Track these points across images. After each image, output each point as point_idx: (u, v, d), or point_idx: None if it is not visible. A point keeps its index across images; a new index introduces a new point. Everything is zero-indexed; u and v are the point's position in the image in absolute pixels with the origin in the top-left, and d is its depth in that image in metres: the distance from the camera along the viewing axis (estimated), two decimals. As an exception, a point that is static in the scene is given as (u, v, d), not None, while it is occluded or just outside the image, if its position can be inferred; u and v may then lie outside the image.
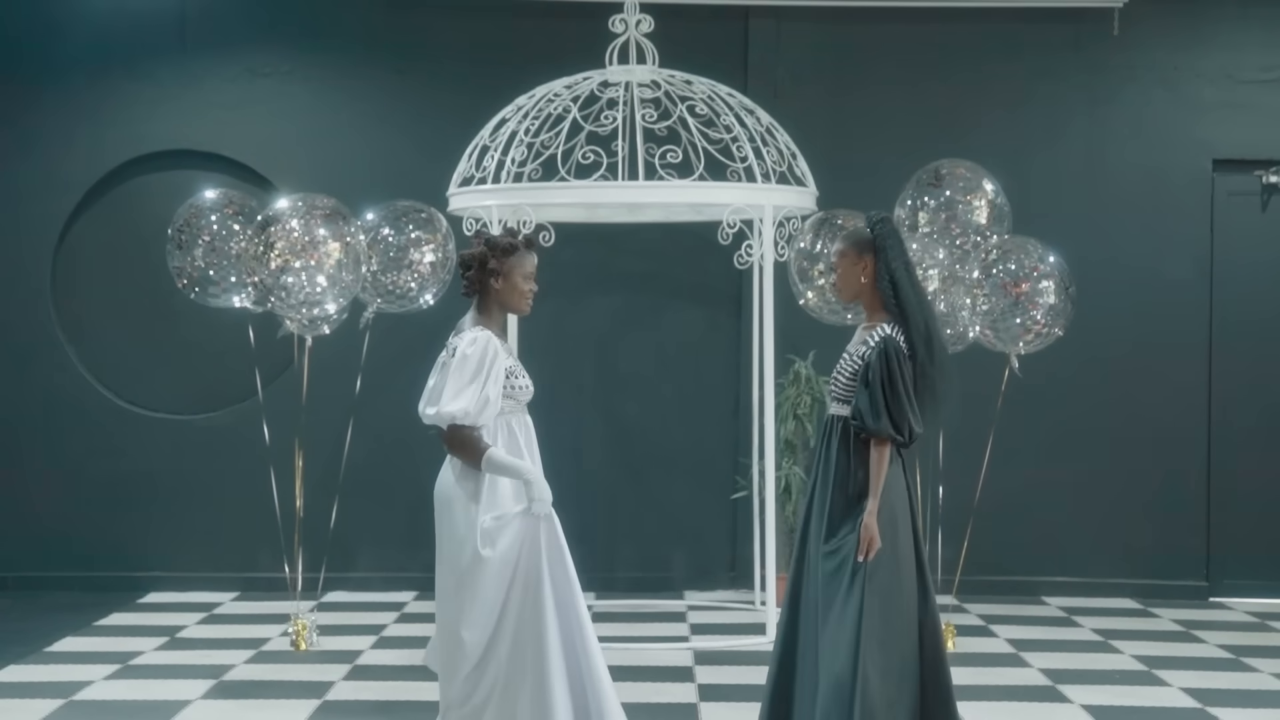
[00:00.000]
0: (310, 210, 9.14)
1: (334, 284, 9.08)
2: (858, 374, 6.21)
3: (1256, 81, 11.45)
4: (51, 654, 9.28)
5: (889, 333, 6.19)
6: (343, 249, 9.11)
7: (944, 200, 9.37)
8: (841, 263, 6.33)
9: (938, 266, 9.24)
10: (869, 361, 6.17)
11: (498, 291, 6.21)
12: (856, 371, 6.22)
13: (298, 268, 9.00)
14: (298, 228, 9.05)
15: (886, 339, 6.17)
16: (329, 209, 9.19)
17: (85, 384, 11.44)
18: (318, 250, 9.05)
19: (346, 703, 8.08)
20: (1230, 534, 11.41)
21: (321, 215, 9.14)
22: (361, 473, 10.67)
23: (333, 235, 9.10)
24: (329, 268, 9.05)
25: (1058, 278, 9.18)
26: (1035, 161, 11.36)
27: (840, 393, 6.28)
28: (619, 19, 9.93)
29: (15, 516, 11.37)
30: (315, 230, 9.07)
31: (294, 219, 9.08)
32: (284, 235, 9.03)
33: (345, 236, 9.15)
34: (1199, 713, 8.01)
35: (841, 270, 6.34)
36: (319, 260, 9.03)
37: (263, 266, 9.04)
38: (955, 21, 11.48)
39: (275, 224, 9.07)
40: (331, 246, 9.08)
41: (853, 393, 6.21)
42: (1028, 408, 10.73)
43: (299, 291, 9.03)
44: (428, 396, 6.20)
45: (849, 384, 6.24)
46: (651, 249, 11.33)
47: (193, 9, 11.46)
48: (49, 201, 11.43)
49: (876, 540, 6.07)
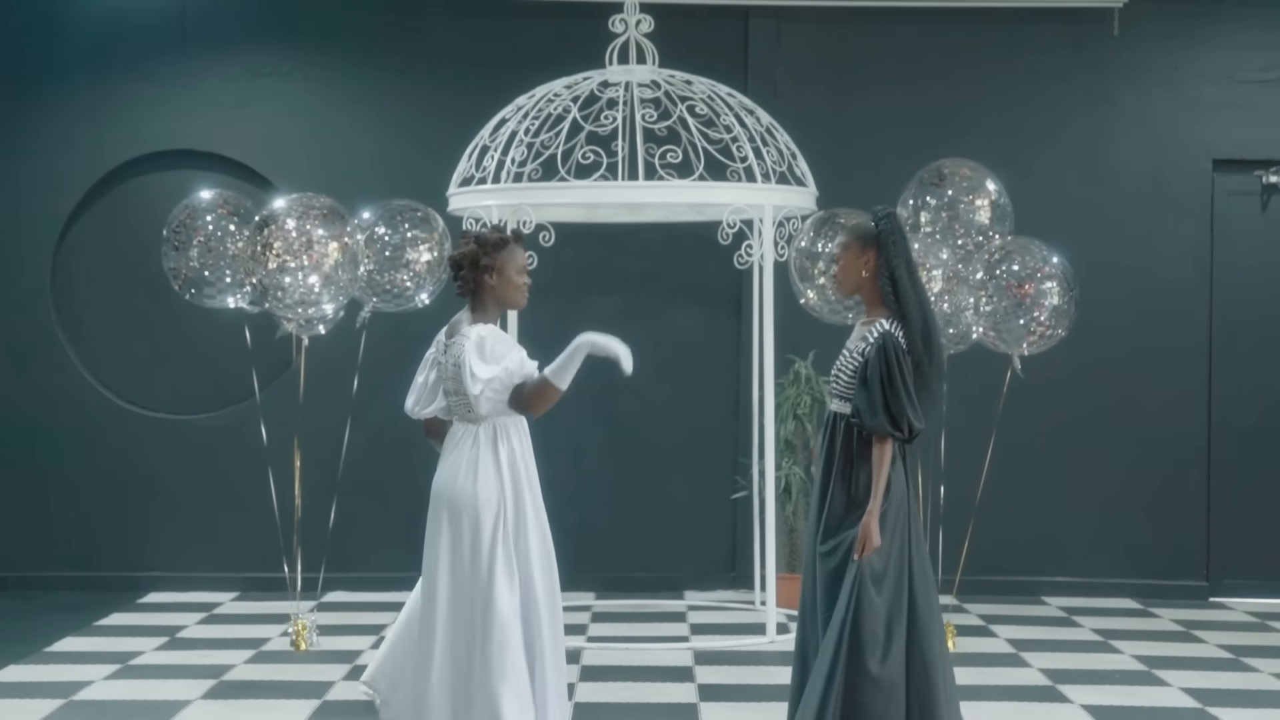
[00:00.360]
0: (307, 210, 9.14)
1: (331, 284, 9.07)
2: (858, 371, 6.17)
3: (1256, 81, 11.45)
4: (51, 654, 9.28)
5: (887, 328, 6.13)
6: (340, 249, 9.11)
7: (946, 200, 9.37)
8: (844, 255, 6.28)
9: (941, 267, 9.24)
10: (867, 358, 6.12)
11: (492, 288, 6.20)
12: (857, 369, 6.17)
13: (294, 268, 9.00)
14: (295, 228, 9.05)
15: (885, 335, 6.12)
16: (326, 209, 9.19)
17: (85, 384, 11.44)
18: (315, 250, 9.04)
19: (346, 703, 8.08)
20: (1230, 534, 11.41)
21: (319, 215, 9.14)
22: (360, 472, 10.67)
23: (330, 235, 9.10)
24: (327, 268, 9.05)
25: (1061, 279, 9.18)
26: (1035, 161, 11.36)
27: (841, 390, 6.24)
28: (619, 19, 9.93)
29: (15, 516, 11.37)
30: (313, 230, 9.07)
31: (291, 219, 9.08)
32: (281, 235, 9.03)
33: (343, 236, 9.15)
34: (1199, 713, 8.01)
35: (844, 263, 6.29)
36: (316, 260, 9.03)
37: (260, 267, 9.04)
38: (955, 21, 11.48)
39: (272, 224, 9.07)
40: (329, 247, 9.08)
41: (853, 390, 6.17)
42: (1028, 408, 10.72)
43: (295, 291, 9.03)
44: (445, 387, 6.14)
45: (850, 381, 6.19)
46: (651, 249, 11.33)
47: (193, 9, 11.46)
48: (49, 201, 11.43)
49: (875, 539, 6.01)
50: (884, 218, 6.23)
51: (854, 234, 6.30)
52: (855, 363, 6.19)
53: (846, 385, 6.21)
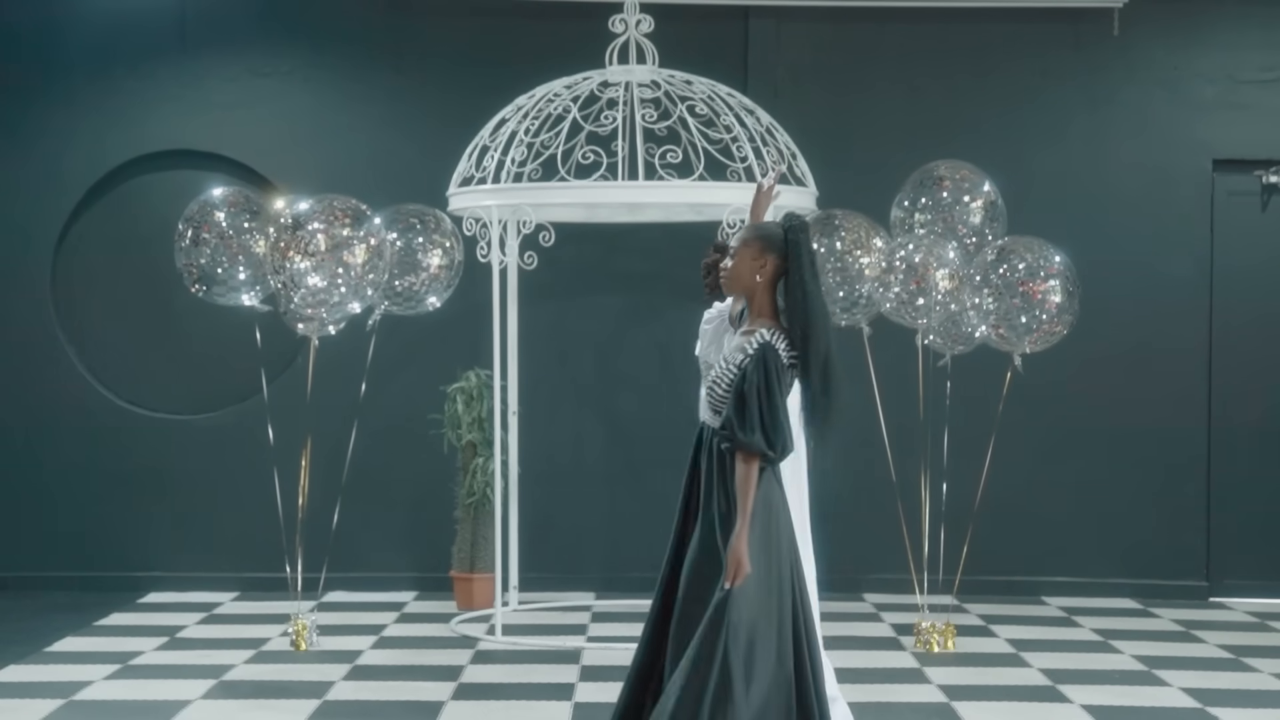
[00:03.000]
0: (334, 212, 9.12)
1: (357, 285, 9.06)
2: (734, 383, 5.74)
3: (1256, 81, 11.45)
4: (51, 654, 9.28)
5: (768, 339, 5.69)
6: (367, 250, 9.11)
7: (940, 200, 9.36)
8: (742, 253, 5.82)
9: (946, 266, 9.23)
10: (745, 370, 5.69)
11: None
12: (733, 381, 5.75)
13: (322, 269, 8.99)
14: (322, 229, 9.04)
15: (766, 346, 5.68)
16: (353, 211, 9.18)
17: (85, 384, 11.43)
18: (343, 252, 9.03)
19: (346, 703, 8.08)
20: (1230, 534, 11.41)
21: (346, 217, 9.12)
22: (364, 473, 10.66)
23: (358, 237, 9.09)
24: (355, 270, 9.04)
25: (1064, 277, 9.18)
26: (1035, 161, 11.36)
27: (718, 403, 5.79)
28: (619, 19, 9.93)
29: (15, 516, 11.37)
30: (339, 231, 9.06)
31: (318, 220, 9.07)
32: (309, 237, 9.01)
33: (370, 238, 9.15)
34: (1199, 713, 8.00)
35: (738, 261, 5.82)
36: (348, 261, 9.01)
37: (287, 266, 9.01)
38: (955, 21, 11.48)
39: (302, 225, 9.05)
40: (358, 249, 9.07)
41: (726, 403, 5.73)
42: (1028, 408, 10.73)
43: (321, 292, 9.01)
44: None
45: (727, 394, 5.75)
46: (651, 249, 11.32)
47: (193, 9, 11.46)
48: (49, 201, 11.43)
49: (745, 566, 5.59)
50: (796, 227, 5.76)
51: (757, 234, 5.84)
52: (733, 375, 5.75)
53: (721, 398, 5.78)
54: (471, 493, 10.64)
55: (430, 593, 11.16)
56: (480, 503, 10.63)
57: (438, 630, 10.04)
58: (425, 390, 10.93)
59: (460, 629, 10.04)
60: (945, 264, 9.20)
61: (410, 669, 8.89)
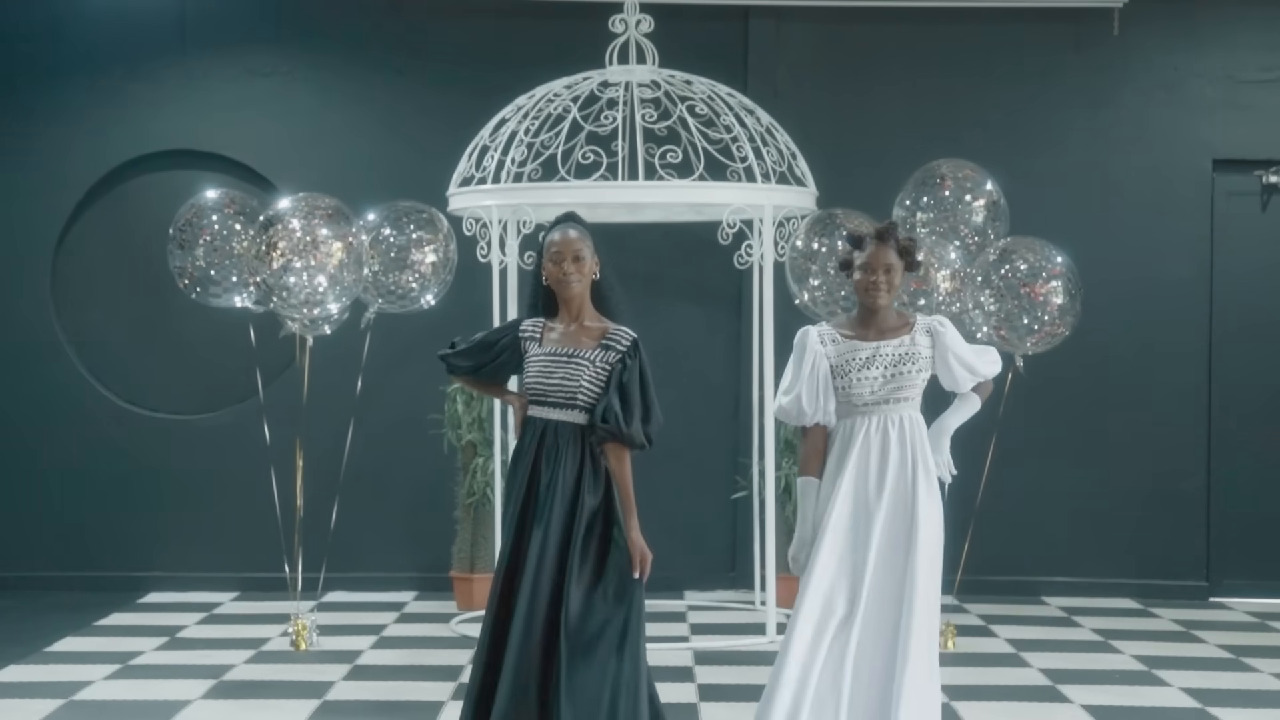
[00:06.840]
0: (312, 210, 9.14)
1: (336, 284, 9.08)
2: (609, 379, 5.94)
3: (1256, 81, 11.45)
4: (51, 654, 9.28)
5: (635, 335, 6.03)
6: (345, 249, 9.11)
7: (942, 200, 9.36)
8: (583, 249, 6.17)
9: (948, 266, 9.23)
10: (625, 364, 5.94)
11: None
12: (606, 377, 5.95)
13: (299, 268, 9.00)
14: (300, 228, 9.05)
15: (637, 342, 6.00)
16: (331, 209, 9.19)
17: (85, 384, 11.44)
18: (320, 250, 9.05)
19: (346, 703, 8.08)
20: (1230, 534, 11.41)
21: (324, 215, 9.14)
22: (362, 473, 10.67)
23: (335, 235, 9.10)
24: (331, 268, 9.05)
25: (1066, 278, 9.18)
26: (1035, 162, 11.36)
27: (586, 401, 5.96)
28: (619, 19, 9.93)
29: (15, 516, 11.37)
30: (317, 230, 9.07)
31: (296, 219, 9.08)
32: (286, 235, 9.03)
33: (348, 236, 9.15)
34: (1199, 713, 8.01)
35: (590, 261, 6.18)
36: (321, 260, 9.03)
37: (265, 266, 9.04)
38: (955, 21, 11.48)
39: (277, 224, 9.07)
40: (334, 247, 9.08)
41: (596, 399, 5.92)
42: (1028, 408, 10.72)
43: (300, 291, 9.03)
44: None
45: (598, 392, 5.96)
46: (651, 249, 11.32)
47: (193, 9, 11.46)
48: (49, 201, 11.43)
49: (649, 553, 6.12)
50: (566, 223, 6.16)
51: (586, 230, 6.27)
52: (599, 371, 5.97)
53: (594, 395, 5.95)
54: (471, 493, 10.65)
55: (430, 593, 11.16)
56: (480, 503, 10.63)
57: (438, 630, 10.05)
58: (425, 390, 10.92)
59: (460, 629, 10.04)
60: (946, 264, 9.20)
61: (410, 669, 8.90)
